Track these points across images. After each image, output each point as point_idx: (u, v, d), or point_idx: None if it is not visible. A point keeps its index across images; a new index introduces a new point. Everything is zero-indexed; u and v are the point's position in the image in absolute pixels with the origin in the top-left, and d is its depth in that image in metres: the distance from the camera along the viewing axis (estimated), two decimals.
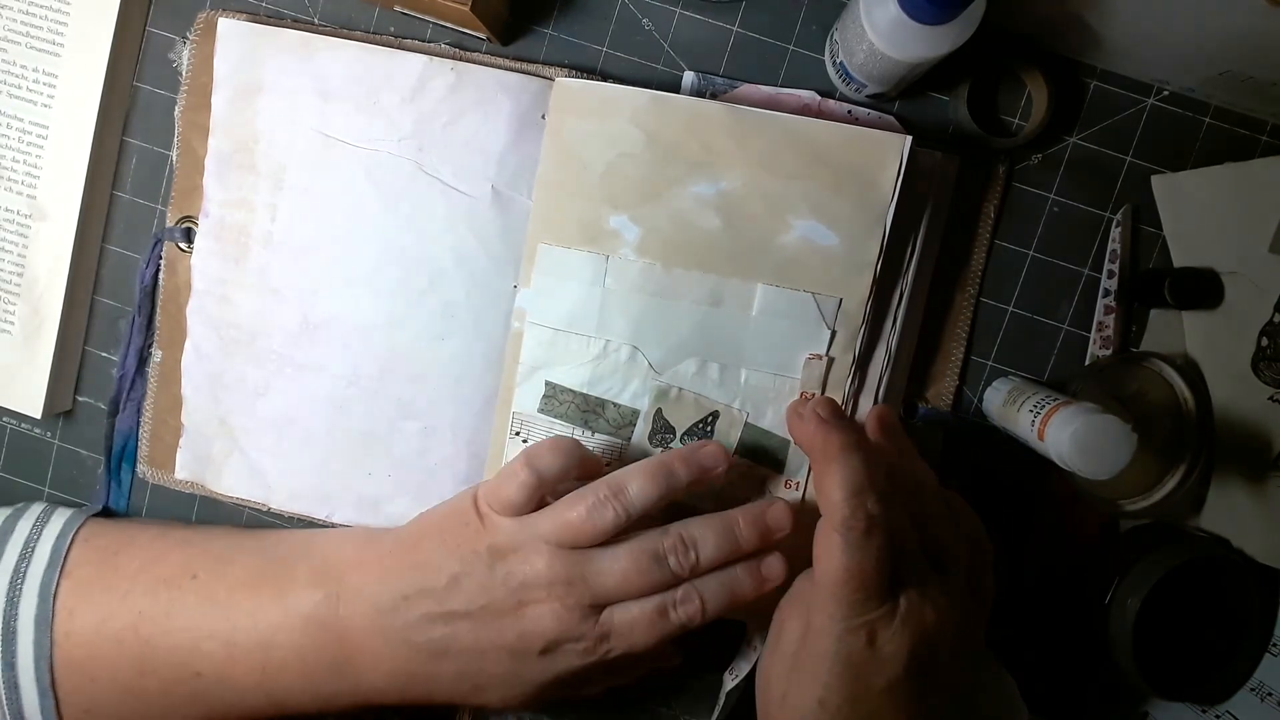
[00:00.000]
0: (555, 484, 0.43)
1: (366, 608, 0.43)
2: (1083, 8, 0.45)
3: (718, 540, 0.43)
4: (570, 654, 0.42)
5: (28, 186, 0.51)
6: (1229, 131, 0.51)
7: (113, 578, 0.46)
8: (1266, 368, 0.49)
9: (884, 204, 0.45)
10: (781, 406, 0.47)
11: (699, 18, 0.51)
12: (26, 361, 0.52)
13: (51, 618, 0.44)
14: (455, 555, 0.43)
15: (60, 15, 0.50)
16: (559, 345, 0.47)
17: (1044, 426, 0.44)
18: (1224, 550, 0.50)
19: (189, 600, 0.45)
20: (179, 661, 0.44)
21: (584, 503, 0.42)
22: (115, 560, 0.47)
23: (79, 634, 0.44)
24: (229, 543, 0.49)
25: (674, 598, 0.42)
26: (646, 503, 0.42)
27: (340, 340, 0.50)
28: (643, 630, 0.42)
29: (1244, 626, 0.50)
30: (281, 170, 0.50)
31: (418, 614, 0.42)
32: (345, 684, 0.44)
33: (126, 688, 0.44)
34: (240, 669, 0.44)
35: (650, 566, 0.42)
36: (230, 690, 0.44)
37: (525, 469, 0.42)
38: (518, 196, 0.49)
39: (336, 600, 0.44)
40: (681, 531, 0.43)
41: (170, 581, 0.46)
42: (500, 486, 0.43)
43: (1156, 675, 0.48)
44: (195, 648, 0.44)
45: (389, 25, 0.52)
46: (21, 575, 0.45)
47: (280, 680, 0.44)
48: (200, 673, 0.44)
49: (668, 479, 0.43)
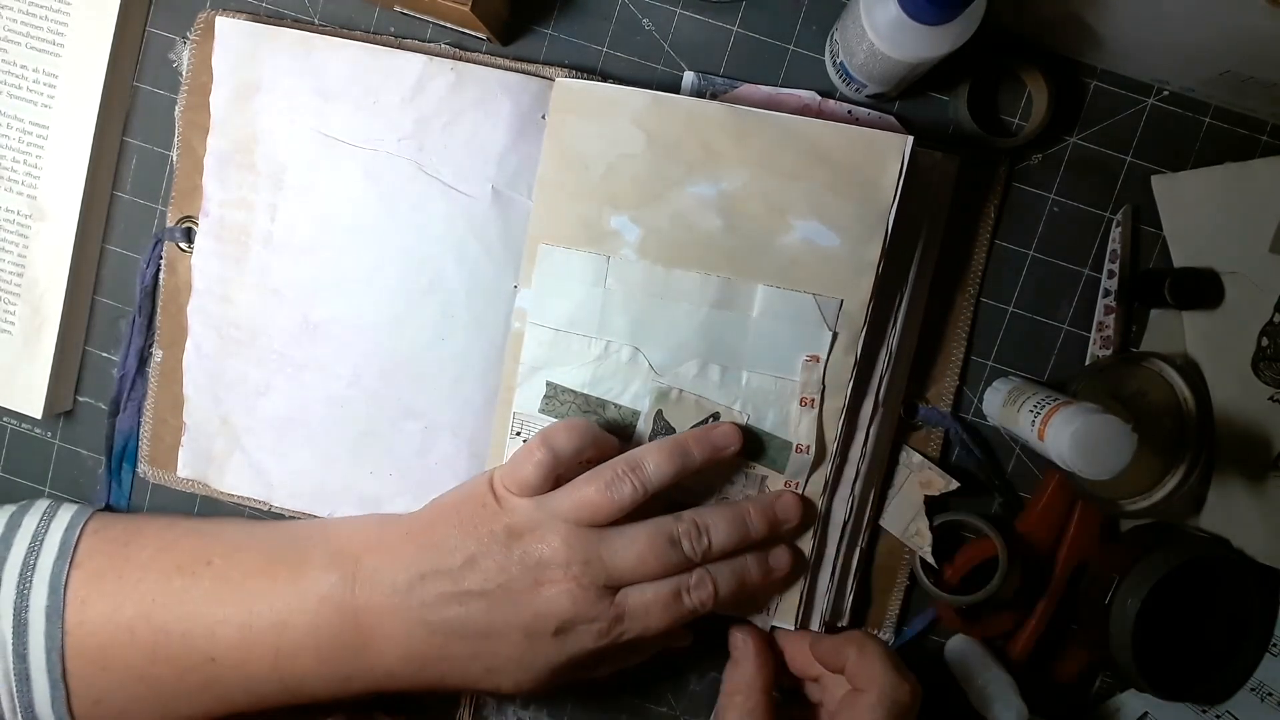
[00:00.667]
0: (571, 463, 0.44)
1: (382, 588, 0.43)
2: (1083, 8, 0.45)
3: (729, 528, 0.44)
4: (585, 635, 0.42)
5: (28, 186, 0.51)
6: (1229, 131, 0.51)
7: (125, 567, 0.46)
8: (1267, 368, 0.50)
9: (885, 204, 0.45)
10: (783, 408, 0.47)
11: (699, 18, 0.51)
12: (26, 361, 0.52)
13: (63, 608, 0.44)
14: (472, 535, 0.43)
15: (60, 15, 0.50)
16: (560, 346, 0.47)
17: (1044, 426, 0.44)
18: (1224, 550, 0.50)
19: (204, 585, 0.45)
20: (192, 647, 0.44)
21: (601, 478, 0.43)
22: (126, 550, 0.47)
23: (91, 623, 0.44)
24: (242, 530, 0.49)
25: (688, 582, 0.43)
26: (663, 480, 0.43)
27: (341, 340, 0.50)
28: (658, 613, 0.43)
29: (1244, 626, 0.50)
30: (281, 170, 0.50)
31: (434, 594, 0.42)
32: (360, 666, 0.44)
33: (139, 676, 0.44)
34: (255, 653, 0.44)
35: (665, 548, 0.43)
36: (244, 675, 0.44)
37: (541, 448, 0.43)
38: (518, 196, 0.49)
39: (352, 581, 0.44)
40: (695, 517, 0.44)
41: (184, 568, 0.46)
42: (517, 467, 0.44)
43: (1156, 675, 0.48)
44: (210, 633, 0.44)
45: (389, 25, 0.52)
46: (31, 567, 0.45)
47: (295, 664, 0.44)
48: (214, 658, 0.44)
49: (683, 457, 0.44)
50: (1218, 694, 0.51)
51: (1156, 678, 0.48)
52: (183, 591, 0.45)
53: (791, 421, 0.47)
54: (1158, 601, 0.48)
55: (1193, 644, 0.50)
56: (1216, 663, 0.50)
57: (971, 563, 0.51)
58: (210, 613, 0.44)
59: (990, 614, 0.51)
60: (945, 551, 0.51)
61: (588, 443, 0.44)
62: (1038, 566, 0.51)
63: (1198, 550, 0.49)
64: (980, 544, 0.50)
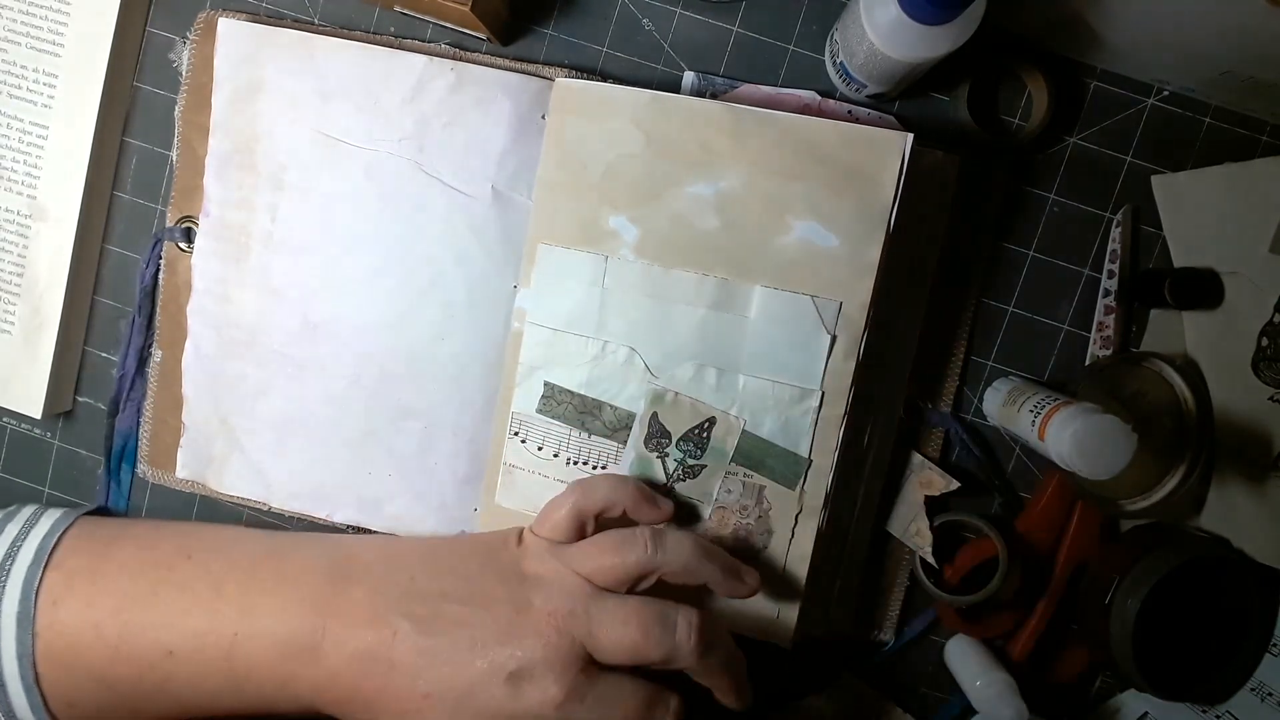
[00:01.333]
0: (602, 514, 0.44)
1: (369, 582, 0.42)
2: (1083, 8, 0.45)
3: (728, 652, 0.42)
4: (537, 694, 0.39)
5: (28, 186, 0.51)
6: (1229, 131, 0.51)
7: (103, 565, 0.45)
8: (1267, 368, 0.49)
9: (885, 204, 0.44)
10: (781, 414, 0.46)
11: (699, 18, 0.51)
12: (26, 361, 0.52)
13: (34, 613, 0.43)
14: (481, 562, 0.42)
15: (60, 15, 0.50)
16: (558, 346, 0.47)
17: (1044, 426, 0.44)
18: (1224, 550, 0.50)
19: (177, 579, 0.44)
20: (153, 641, 0.42)
21: (618, 535, 0.42)
22: (108, 549, 0.46)
23: (60, 624, 0.43)
24: (235, 532, 0.47)
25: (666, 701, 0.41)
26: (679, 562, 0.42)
27: (341, 340, 0.50)
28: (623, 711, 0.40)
29: (1244, 626, 0.50)
30: (281, 170, 0.50)
31: (414, 589, 0.41)
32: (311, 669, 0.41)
33: (100, 677, 0.43)
34: (211, 652, 0.42)
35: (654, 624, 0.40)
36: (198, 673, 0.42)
37: (574, 493, 0.44)
38: (518, 196, 0.49)
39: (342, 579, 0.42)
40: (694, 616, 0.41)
41: (161, 563, 0.44)
42: (549, 511, 0.44)
43: (1156, 675, 0.48)
44: (172, 624, 0.42)
45: (389, 25, 0.52)
46: (5, 574, 0.44)
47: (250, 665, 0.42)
48: (172, 650, 0.42)
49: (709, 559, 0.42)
50: (1218, 694, 0.51)
51: (1156, 678, 0.48)
52: (155, 585, 0.43)
53: (790, 429, 0.46)
54: (1158, 601, 0.47)
55: (1193, 644, 0.50)
56: (1216, 663, 0.50)
57: (971, 563, 0.51)
58: (177, 602, 0.43)
59: (990, 614, 0.51)
60: (945, 552, 0.51)
61: (624, 497, 0.44)
62: (1038, 566, 0.51)
63: (1198, 550, 0.49)
64: (980, 544, 0.50)
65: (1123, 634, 0.48)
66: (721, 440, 0.47)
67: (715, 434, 0.47)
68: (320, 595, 0.42)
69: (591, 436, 0.47)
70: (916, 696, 0.54)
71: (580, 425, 0.47)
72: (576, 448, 0.48)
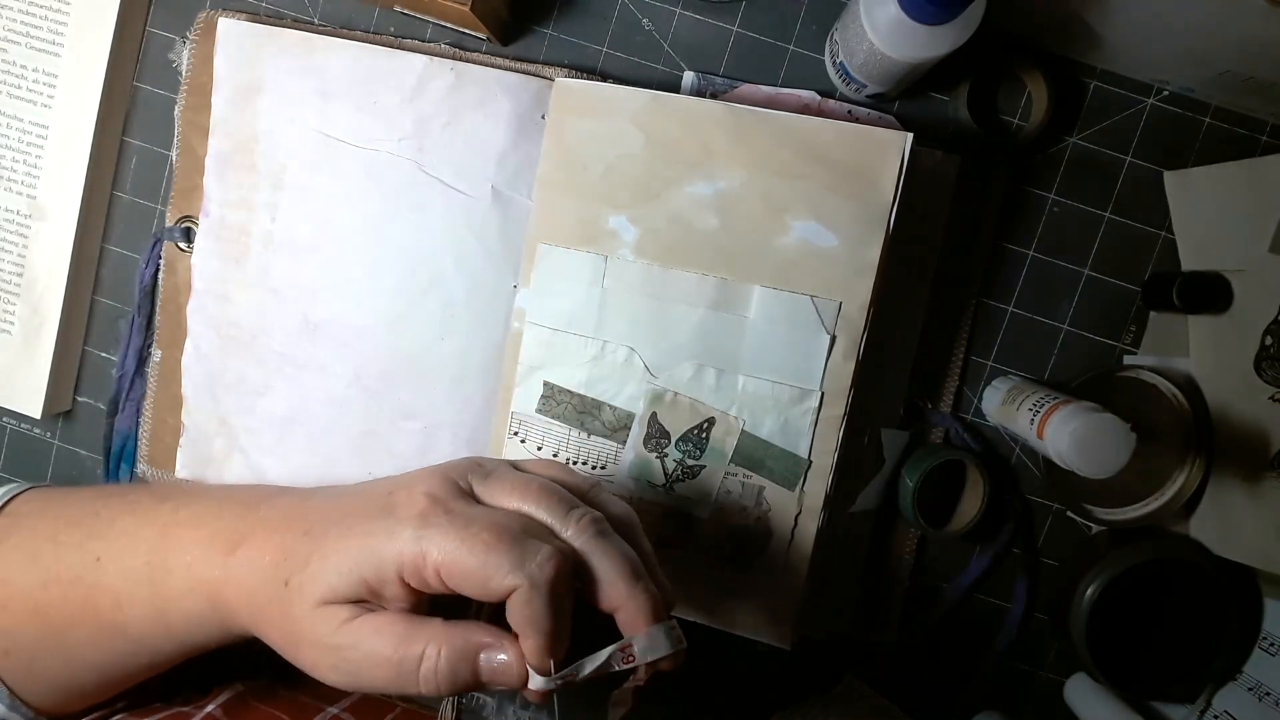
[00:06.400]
0: None
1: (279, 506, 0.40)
2: (1083, 8, 0.45)
3: None
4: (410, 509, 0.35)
5: (28, 186, 0.51)
6: (1229, 131, 0.51)
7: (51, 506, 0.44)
8: (1269, 367, 0.49)
9: (885, 204, 0.44)
10: (780, 415, 0.46)
11: (699, 18, 0.51)
12: (26, 361, 0.52)
13: None
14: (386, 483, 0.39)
15: (60, 15, 0.50)
16: (557, 345, 0.47)
17: (1043, 425, 0.44)
18: (1194, 552, 0.49)
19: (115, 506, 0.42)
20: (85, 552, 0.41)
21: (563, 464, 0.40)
22: (49, 506, 0.44)
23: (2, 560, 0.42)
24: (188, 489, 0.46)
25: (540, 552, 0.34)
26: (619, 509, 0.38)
27: (340, 340, 0.50)
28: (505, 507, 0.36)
29: (1219, 629, 0.50)
30: (281, 170, 0.50)
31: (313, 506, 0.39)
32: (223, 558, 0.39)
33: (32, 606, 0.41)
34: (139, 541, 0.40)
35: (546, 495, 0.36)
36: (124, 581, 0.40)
37: None
38: (518, 196, 0.49)
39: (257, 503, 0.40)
40: None
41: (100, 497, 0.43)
42: None
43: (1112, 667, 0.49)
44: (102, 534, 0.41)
45: (389, 25, 0.52)
46: None
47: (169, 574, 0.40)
48: (100, 556, 0.41)
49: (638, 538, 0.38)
50: (1183, 694, 0.51)
51: (1112, 669, 0.49)
52: (92, 515, 0.42)
53: (790, 429, 0.46)
54: (1125, 596, 0.48)
55: (1162, 642, 0.50)
56: (1190, 663, 0.50)
57: None
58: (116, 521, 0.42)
59: None
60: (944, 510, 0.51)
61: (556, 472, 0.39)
62: None
63: (1165, 551, 0.48)
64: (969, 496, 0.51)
65: (1079, 623, 0.49)
66: (721, 440, 0.47)
67: (715, 434, 0.47)
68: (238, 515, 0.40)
69: (591, 436, 0.47)
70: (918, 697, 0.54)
71: (580, 425, 0.47)
72: (576, 448, 0.48)
